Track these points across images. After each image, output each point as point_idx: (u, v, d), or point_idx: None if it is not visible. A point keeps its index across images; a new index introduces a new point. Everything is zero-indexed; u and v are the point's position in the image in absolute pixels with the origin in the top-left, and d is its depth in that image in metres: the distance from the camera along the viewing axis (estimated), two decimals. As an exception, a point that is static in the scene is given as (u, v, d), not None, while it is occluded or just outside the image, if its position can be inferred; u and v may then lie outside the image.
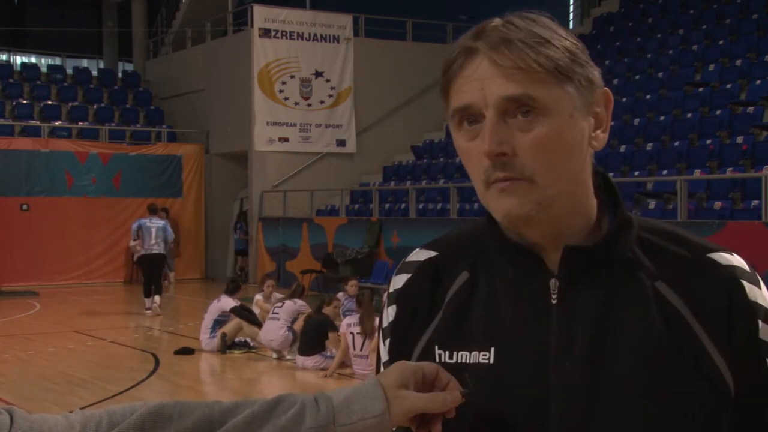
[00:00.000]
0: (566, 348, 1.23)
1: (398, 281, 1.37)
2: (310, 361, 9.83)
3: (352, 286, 12.20)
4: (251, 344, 11.03)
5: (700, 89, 15.58)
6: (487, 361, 1.26)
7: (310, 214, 18.97)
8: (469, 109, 1.21)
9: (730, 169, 12.58)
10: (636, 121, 15.66)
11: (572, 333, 1.23)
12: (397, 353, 1.34)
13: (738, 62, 15.96)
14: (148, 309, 14.90)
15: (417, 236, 15.26)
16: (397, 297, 1.36)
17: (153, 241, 14.77)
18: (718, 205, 11.94)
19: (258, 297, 12.59)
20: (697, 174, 12.64)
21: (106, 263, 19.86)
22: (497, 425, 1.24)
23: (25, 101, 22.02)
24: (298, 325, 10.37)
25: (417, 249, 1.39)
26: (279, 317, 10.45)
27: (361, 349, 9.33)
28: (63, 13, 29.59)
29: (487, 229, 1.31)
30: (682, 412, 1.20)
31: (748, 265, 1.26)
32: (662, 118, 15.35)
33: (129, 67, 26.47)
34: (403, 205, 17.39)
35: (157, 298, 14.87)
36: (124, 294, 18.54)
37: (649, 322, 1.22)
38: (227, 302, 11.12)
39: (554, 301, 1.25)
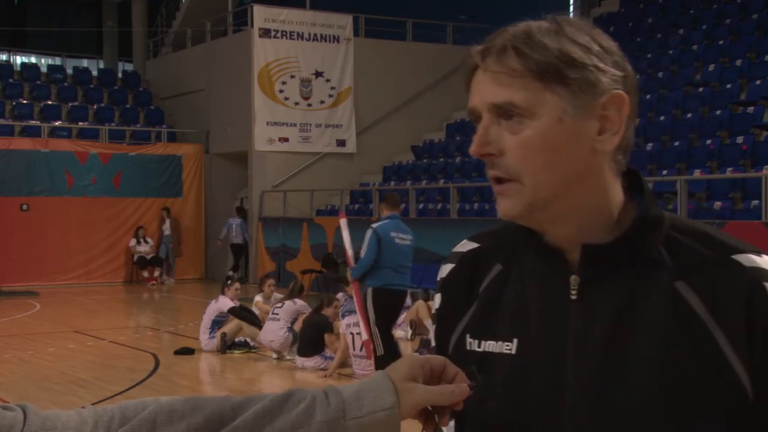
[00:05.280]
0: (583, 343, 1.25)
1: (444, 270, 1.44)
2: (310, 361, 9.83)
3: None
4: (251, 344, 11.03)
5: (700, 89, 15.58)
6: (510, 351, 1.30)
7: (310, 214, 18.97)
8: (474, 113, 1.28)
9: (730, 169, 12.58)
10: (636, 121, 15.65)
11: (589, 329, 1.25)
12: (441, 339, 1.41)
13: (738, 62, 15.96)
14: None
15: (417, 236, 15.24)
16: (442, 285, 1.43)
17: (234, 234, 19.98)
18: (718, 205, 11.95)
19: (258, 298, 12.59)
20: (697, 174, 12.64)
21: (106, 263, 19.86)
22: (515, 415, 1.27)
23: (25, 101, 22.02)
24: (299, 326, 10.37)
25: (465, 240, 1.46)
26: (279, 318, 10.44)
27: (360, 350, 9.31)
28: (63, 13, 29.60)
29: (519, 225, 1.34)
30: (693, 414, 1.19)
31: None
32: (662, 118, 15.35)
33: (129, 67, 26.47)
34: (403, 205, 17.34)
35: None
36: (124, 294, 18.55)
37: (664, 322, 1.22)
38: (225, 303, 11.12)
39: (573, 297, 1.28)
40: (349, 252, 8.62)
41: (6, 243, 18.57)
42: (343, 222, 8.76)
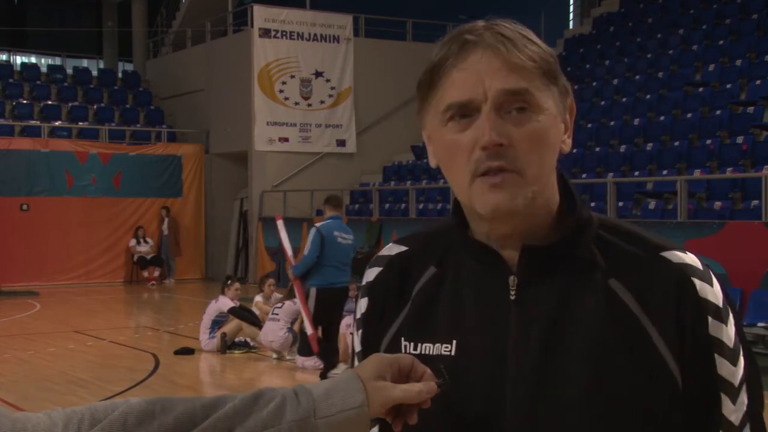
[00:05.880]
0: (522, 343, 1.27)
1: (370, 274, 1.43)
2: (310, 361, 9.83)
3: (352, 288, 12.18)
4: (251, 344, 11.03)
5: (700, 89, 15.58)
6: (448, 353, 1.31)
7: (310, 214, 18.96)
8: (468, 104, 1.24)
9: (730, 169, 12.58)
10: (636, 121, 15.66)
11: (528, 328, 1.28)
12: (367, 344, 1.41)
13: (738, 62, 15.96)
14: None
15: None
16: (368, 290, 1.42)
17: None
18: (718, 205, 11.95)
19: (258, 298, 12.58)
20: (697, 174, 12.64)
21: (106, 263, 19.86)
22: (458, 414, 1.29)
23: (25, 101, 22.01)
24: (299, 326, 10.36)
25: (390, 244, 1.45)
26: (279, 318, 10.44)
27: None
28: (63, 13, 29.61)
29: (454, 227, 1.35)
30: (627, 407, 1.23)
31: (702, 264, 1.28)
32: (662, 118, 15.35)
33: (129, 67, 26.47)
34: (403, 205, 17.39)
35: None
36: (124, 294, 18.55)
37: (600, 320, 1.26)
38: (225, 303, 11.12)
39: (513, 297, 1.29)
40: (289, 252, 9.14)
41: (6, 243, 18.57)
42: (279, 223, 9.28)
